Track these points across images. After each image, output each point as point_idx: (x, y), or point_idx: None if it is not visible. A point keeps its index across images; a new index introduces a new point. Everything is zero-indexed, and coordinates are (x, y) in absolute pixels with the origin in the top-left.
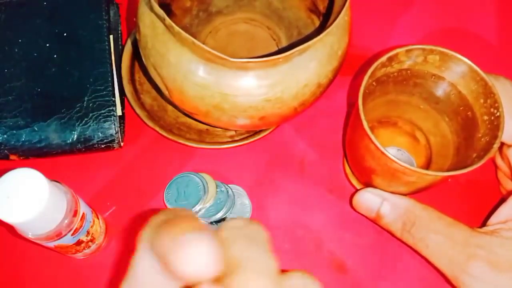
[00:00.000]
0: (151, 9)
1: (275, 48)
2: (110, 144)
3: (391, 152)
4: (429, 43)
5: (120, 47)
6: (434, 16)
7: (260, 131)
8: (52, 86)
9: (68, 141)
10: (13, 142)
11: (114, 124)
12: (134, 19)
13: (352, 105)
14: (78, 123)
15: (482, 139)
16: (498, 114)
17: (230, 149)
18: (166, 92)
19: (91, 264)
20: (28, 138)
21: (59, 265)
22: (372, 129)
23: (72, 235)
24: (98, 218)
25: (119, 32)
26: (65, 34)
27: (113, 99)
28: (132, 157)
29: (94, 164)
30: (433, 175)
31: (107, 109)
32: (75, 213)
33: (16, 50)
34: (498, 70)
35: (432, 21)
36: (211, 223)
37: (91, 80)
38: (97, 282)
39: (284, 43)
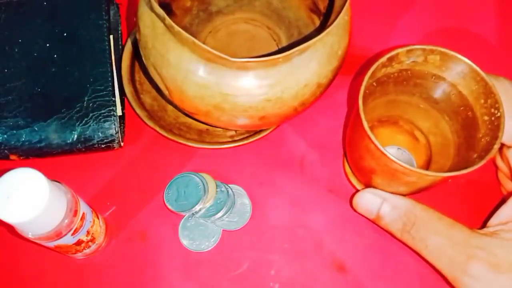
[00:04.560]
0: (151, 9)
1: (275, 48)
2: (110, 144)
3: (391, 151)
4: (429, 43)
5: (120, 47)
6: (434, 16)
7: (260, 131)
8: (52, 86)
9: (68, 141)
10: (13, 142)
11: (114, 124)
12: (134, 19)
13: (352, 105)
14: (78, 123)
15: (483, 140)
16: (498, 114)
17: (230, 149)
18: (166, 92)
19: (91, 264)
20: (28, 138)
21: (59, 265)
22: (372, 128)
23: (72, 235)
24: (98, 218)
25: (119, 32)
26: (65, 34)
27: (113, 99)
28: (132, 157)
29: (94, 164)
30: (433, 175)
31: (107, 109)
32: (75, 213)
33: (16, 50)
34: (498, 70)
35: (432, 21)
36: (211, 223)
37: (91, 80)
38: (97, 282)
39: (284, 43)
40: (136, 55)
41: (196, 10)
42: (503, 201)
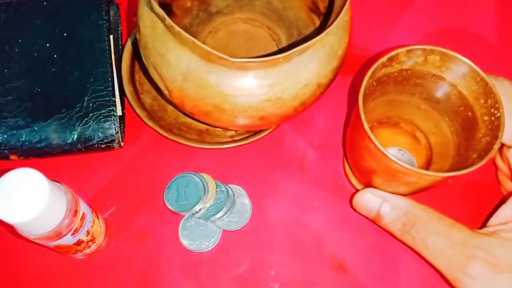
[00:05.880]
0: (151, 9)
1: (275, 48)
2: (110, 144)
3: (392, 152)
4: (430, 43)
5: (120, 47)
6: (434, 16)
7: (260, 131)
8: (52, 86)
9: (68, 141)
10: (13, 142)
11: (114, 124)
12: (134, 19)
13: (352, 105)
14: (78, 123)
15: (483, 140)
16: (498, 114)
17: (230, 149)
18: (166, 92)
19: (91, 264)
20: (28, 138)
21: (59, 265)
22: (372, 129)
23: (72, 235)
24: (98, 218)
25: (119, 32)
26: (65, 34)
27: (113, 99)
28: (132, 157)
29: (94, 164)
30: (433, 175)
31: (107, 109)
32: (75, 213)
33: (16, 50)
34: (498, 70)
35: (432, 21)
36: (211, 223)
37: (91, 80)
38: (97, 282)
39: (284, 43)
40: (136, 55)
41: (196, 10)
42: (503, 201)
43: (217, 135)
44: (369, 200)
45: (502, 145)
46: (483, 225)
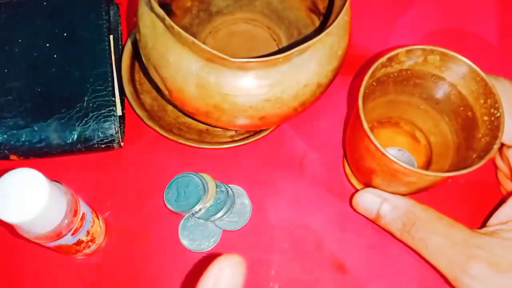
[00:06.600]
0: (151, 9)
1: (275, 48)
2: (110, 144)
3: (392, 152)
4: (429, 43)
5: (120, 47)
6: (434, 16)
7: (260, 131)
8: (52, 86)
9: (68, 141)
10: (13, 142)
11: (114, 124)
12: (134, 19)
13: (352, 105)
14: (78, 123)
15: (482, 140)
16: (498, 114)
17: (230, 149)
18: (166, 92)
19: (91, 264)
20: (28, 138)
21: (59, 265)
22: (372, 129)
23: (72, 235)
24: (98, 218)
25: (119, 32)
26: (65, 34)
27: (113, 99)
28: (132, 157)
29: (94, 164)
30: (433, 175)
31: (107, 109)
32: (75, 213)
33: (16, 50)
34: (498, 70)
35: (432, 21)
36: (211, 223)
37: (91, 80)
38: (97, 282)
39: (284, 43)
40: (136, 55)
41: (196, 10)
42: (502, 201)
43: (217, 135)
44: (369, 200)
45: (502, 145)
46: (483, 225)
